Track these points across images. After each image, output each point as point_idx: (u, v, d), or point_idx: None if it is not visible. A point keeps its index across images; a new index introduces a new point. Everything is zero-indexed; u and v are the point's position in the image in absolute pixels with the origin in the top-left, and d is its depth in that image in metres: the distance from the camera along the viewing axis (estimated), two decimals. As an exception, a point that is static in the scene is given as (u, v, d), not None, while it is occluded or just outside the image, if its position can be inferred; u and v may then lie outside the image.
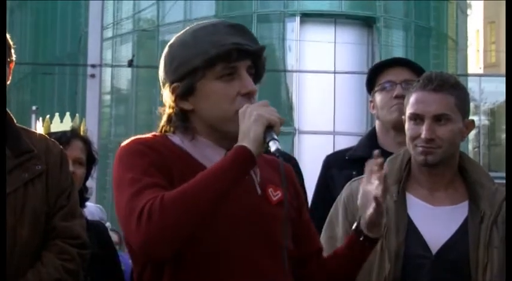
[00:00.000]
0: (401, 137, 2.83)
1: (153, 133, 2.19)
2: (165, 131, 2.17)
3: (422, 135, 2.53)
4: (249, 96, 2.08)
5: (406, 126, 2.60)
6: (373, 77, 3.23)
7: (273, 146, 1.96)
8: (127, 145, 2.10)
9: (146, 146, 2.08)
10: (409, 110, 2.59)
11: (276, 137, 1.97)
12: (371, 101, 3.25)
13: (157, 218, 1.90)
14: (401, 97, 3.01)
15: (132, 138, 2.12)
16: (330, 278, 2.25)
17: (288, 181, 2.16)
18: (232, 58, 2.08)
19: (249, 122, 1.98)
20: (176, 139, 2.14)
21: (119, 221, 2.02)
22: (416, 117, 2.57)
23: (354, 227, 2.26)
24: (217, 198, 1.95)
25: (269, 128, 1.97)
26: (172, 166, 2.05)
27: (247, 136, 1.97)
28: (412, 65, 3.20)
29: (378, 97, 3.19)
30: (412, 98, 2.59)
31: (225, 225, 2.04)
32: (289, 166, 2.31)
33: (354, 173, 2.89)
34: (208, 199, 1.93)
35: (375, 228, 2.21)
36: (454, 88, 2.58)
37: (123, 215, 1.98)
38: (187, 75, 2.10)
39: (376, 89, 3.21)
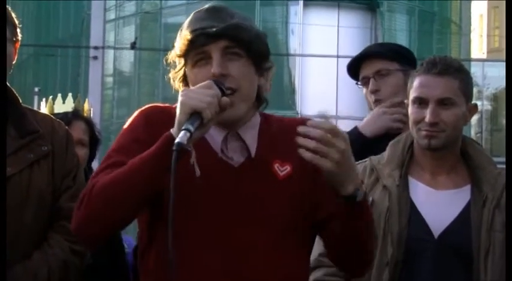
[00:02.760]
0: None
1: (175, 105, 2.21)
2: None
3: (427, 119, 2.54)
4: (220, 78, 2.05)
5: (410, 110, 2.61)
6: (355, 73, 3.25)
7: (177, 138, 1.90)
8: (139, 112, 2.15)
9: (147, 119, 2.12)
10: (412, 94, 2.59)
11: (190, 127, 1.92)
12: None
13: (85, 204, 1.99)
14: (375, 91, 3.15)
15: (149, 105, 2.17)
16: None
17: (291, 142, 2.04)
18: (199, 43, 2.08)
19: (178, 108, 1.98)
20: None
21: None
22: (421, 101, 2.57)
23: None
24: (143, 185, 1.97)
25: (195, 114, 1.94)
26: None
27: (176, 123, 1.96)
28: (381, 53, 3.19)
29: (363, 91, 3.23)
30: (415, 82, 2.59)
31: (215, 203, 2.05)
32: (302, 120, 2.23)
33: None
34: (132, 186, 1.96)
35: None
36: (458, 72, 2.58)
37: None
38: (177, 65, 2.16)
39: (357, 83, 3.25)
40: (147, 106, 2.16)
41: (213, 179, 2.05)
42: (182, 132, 1.90)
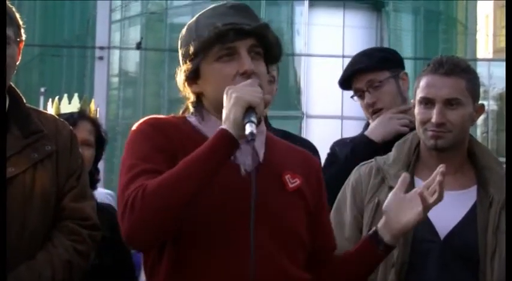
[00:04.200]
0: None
1: (173, 115, 2.21)
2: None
3: (433, 120, 2.52)
4: (247, 75, 2.06)
5: (416, 110, 2.59)
6: (348, 86, 3.25)
7: (247, 129, 1.93)
8: (138, 125, 2.12)
9: (154, 128, 2.09)
10: (419, 94, 2.58)
11: (253, 119, 1.95)
12: None
13: (138, 209, 1.93)
14: (372, 104, 3.16)
15: (147, 117, 2.14)
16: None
17: (312, 172, 2.22)
18: (228, 39, 2.07)
19: (230, 104, 1.97)
20: (193, 120, 2.17)
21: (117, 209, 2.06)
22: (427, 101, 2.55)
23: (370, 233, 2.26)
24: (197, 184, 1.95)
25: (250, 110, 1.96)
26: (180, 147, 2.05)
27: (228, 119, 1.96)
28: (367, 67, 3.18)
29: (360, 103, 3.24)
30: (422, 82, 2.58)
31: (227, 211, 2.05)
32: (317, 160, 2.34)
33: None
34: (188, 187, 1.94)
35: (398, 236, 2.25)
36: (465, 72, 2.57)
37: (118, 203, 2.03)
38: (192, 59, 2.12)
39: (352, 97, 3.26)
40: (145, 118, 2.14)
41: (225, 182, 2.04)
42: (249, 124, 1.93)
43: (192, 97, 2.17)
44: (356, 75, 3.20)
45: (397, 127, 3.09)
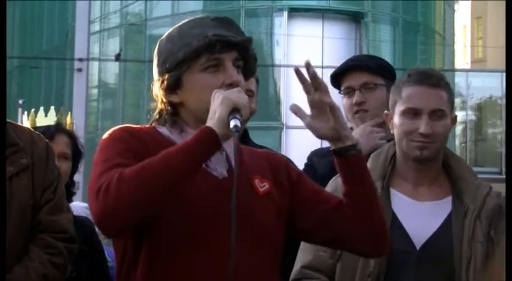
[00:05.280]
0: None
1: (142, 126, 2.21)
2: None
3: (422, 130, 2.53)
4: (234, 86, 2.08)
5: (398, 120, 2.59)
6: (337, 81, 3.26)
7: (232, 123, 1.96)
8: (112, 131, 2.12)
9: (130, 134, 2.10)
10: (404, 105, 2.57)
11: (238, 117, 1.98)
12: None
13: (113, 190, 1.92)
14: (360, 103, 3.15)
15: (120, 125, 2.14)
16: (352, 209, 2.18)
17: (280, 170, 2.22)
18: (216, 49, 2.09)
19: (216, 103, 2.00)
20: (164, 130, 2.16)
21: (88, 199, 2.04)
22: (414, 112, 2.56)
23: (332, 150, 2.18)
24: (177, 176, 1.95)
25: (235, 111, 1.98)
26: (154, 154, 2.04)
27: (213, 117, 1.99)
28: (369, 67, 3.21)
29: (343, 101, 3.23)
30: (406, 93, 2.57)
31: (206, 215, 2.05)
32: (282, 156, 2.33)
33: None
34: (166, 175, 1.93)
35: (341, 138, 2.15)
36: (446, 84, 2.60)
37: (88, 191, 2.01)
38: (173, 68, 2.12)
39: (340, 92, 3.25)
40: (119, 126, 2.14)
41: (196, 190, 2.05)
42: (234, 120, 1.96)
43: (168, 108, 2.16)
44: (352, 72, 3.20)
45: (377, 141, 3.10)
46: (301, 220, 2.20)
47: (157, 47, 2.20)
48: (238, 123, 1.96)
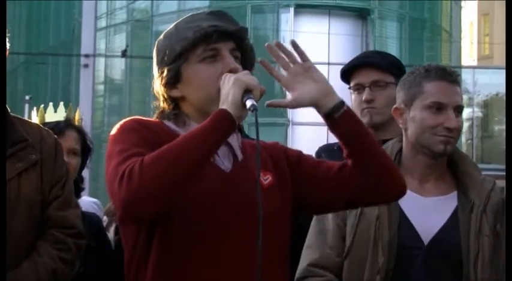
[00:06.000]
0: (376, 136, 2.92)
1: (150, 118, 2.22)
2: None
3: (449, 124, 2.53)
4: (233, 74, 2.08)
5: (421, 114, 2.57)
6: (347, 77, 3.26)
7: (248, 103, 1.97)
8: (123, 123, 2.13)
9: (141, 125, 2.11)
10: (427, 99, 2.56)
11: (252, 97, 1.99)
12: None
13: (137, 176, 1.90)
14: (369, 101, 3.14)
15: (130, 117, 2.15)
16: (354, 167, 2.18)
17: (280, 156, 2.22)
18: (212, 40, 2.11)
19: (228, 86, 2.01)
20: (171, 124, 2.18)
21: (107, 188, 2.03)
22: (438, 106, 2.56)
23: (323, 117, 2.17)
24: (197, 158, 1.95)
25: (247, 92, 2.00)
26: (166, 143, 2.04)
27: (226, 100, 1.99)
28: (380, 65, 3.20)
29: (352, 97, 3.23)
30: (429, 87, 2.57)
31: (217, 210, 2.06)
32: (276, 143, 2.32)
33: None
34: (188, 158, 1.93)
35: (327, 94, 2.15)
36: (459, 81, 2.62)
37: (108, 181, 2.00)
38: (171, 62, 2.13)
39: (349, 88, 3.25)
40: (129, 118, 2.14)
41: (206, 183, 2.05)
42: (249, 99, 1.98)
43: (170, 103, 2.17)
44: (363, 69, 3.20)
45: None
46: (314, 196, 2.21)
47: (155, 46, 2.22)
48: (255, 102, 1.98)
